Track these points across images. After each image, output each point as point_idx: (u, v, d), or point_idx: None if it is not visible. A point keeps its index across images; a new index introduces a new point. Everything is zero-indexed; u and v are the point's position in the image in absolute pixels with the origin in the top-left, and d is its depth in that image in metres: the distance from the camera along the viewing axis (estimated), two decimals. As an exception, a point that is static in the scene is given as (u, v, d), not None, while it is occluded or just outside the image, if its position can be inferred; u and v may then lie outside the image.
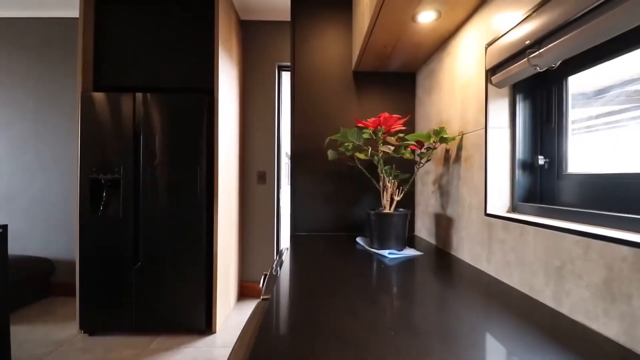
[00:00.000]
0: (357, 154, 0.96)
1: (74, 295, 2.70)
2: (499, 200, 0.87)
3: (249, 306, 2.60)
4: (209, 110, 2.11)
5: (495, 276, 0.83)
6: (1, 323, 1.61)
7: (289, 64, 2.80)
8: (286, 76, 2.95)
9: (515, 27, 0.75)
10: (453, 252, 1.06)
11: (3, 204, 2.68)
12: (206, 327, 2.10)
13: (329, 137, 1.12)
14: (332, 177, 1.44)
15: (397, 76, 1.46)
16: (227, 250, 2.36)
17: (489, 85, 0.88)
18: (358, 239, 1.22)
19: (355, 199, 1.43)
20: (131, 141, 2.05)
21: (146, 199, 2.05)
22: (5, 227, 1.61)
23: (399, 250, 1.07)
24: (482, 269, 0.88)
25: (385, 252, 1.02)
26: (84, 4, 2.11)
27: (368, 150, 0.99)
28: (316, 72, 1.46)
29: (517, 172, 0.86)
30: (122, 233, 2.05)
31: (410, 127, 1.45)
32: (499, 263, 0.81)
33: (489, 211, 0.87)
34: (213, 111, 2.15)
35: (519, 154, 0.86)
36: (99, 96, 2.04)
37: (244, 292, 2.78)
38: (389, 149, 0.96)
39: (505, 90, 0.87)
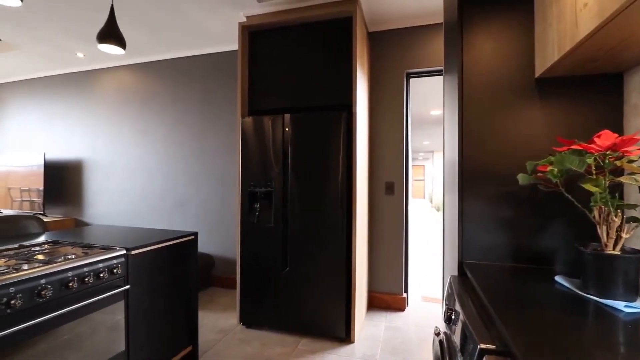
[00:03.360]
0: (585, 185, 0.81)
1: (229, 287, 3.16)
2: None
3: (379, 317, 2.59)
4: (347, 125, 2.17)
5: None
6: (192, 306, 1.96)
7: (418, 70, 2.70)
8: (414, 83, 2.85)
9: None
10: None
11: (179, 208, 3.34)
12: (345, 335, 2.17)
13: (532, 162, 0.98)
14: (508, 201, 1.28)
15: (594, 78, 1.20)
16: (361, 260, 2.40)
17: None
18: (558, 278, 1.05)
19: (537, 227, 1.24)
20: (280, 157, 2.27)
21: (293, 210, 2.24)
22: (195, 234, 1.97)
23: (631, 301, 0.86)
24: None
25: (618, 304, 0.84)
26: (242, 40, 2.43)
27: (601, 180, 0.81)
28: (487, 82, 1.32)
29: None
30: (273, 240, 2.29)
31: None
32: None
33: None
34: (351, 126, 2.21)
35: None
36: (254, 119, 2.32)
37: (372, 302, 2.79)
38: (636, 180, 0.77)
39: None
